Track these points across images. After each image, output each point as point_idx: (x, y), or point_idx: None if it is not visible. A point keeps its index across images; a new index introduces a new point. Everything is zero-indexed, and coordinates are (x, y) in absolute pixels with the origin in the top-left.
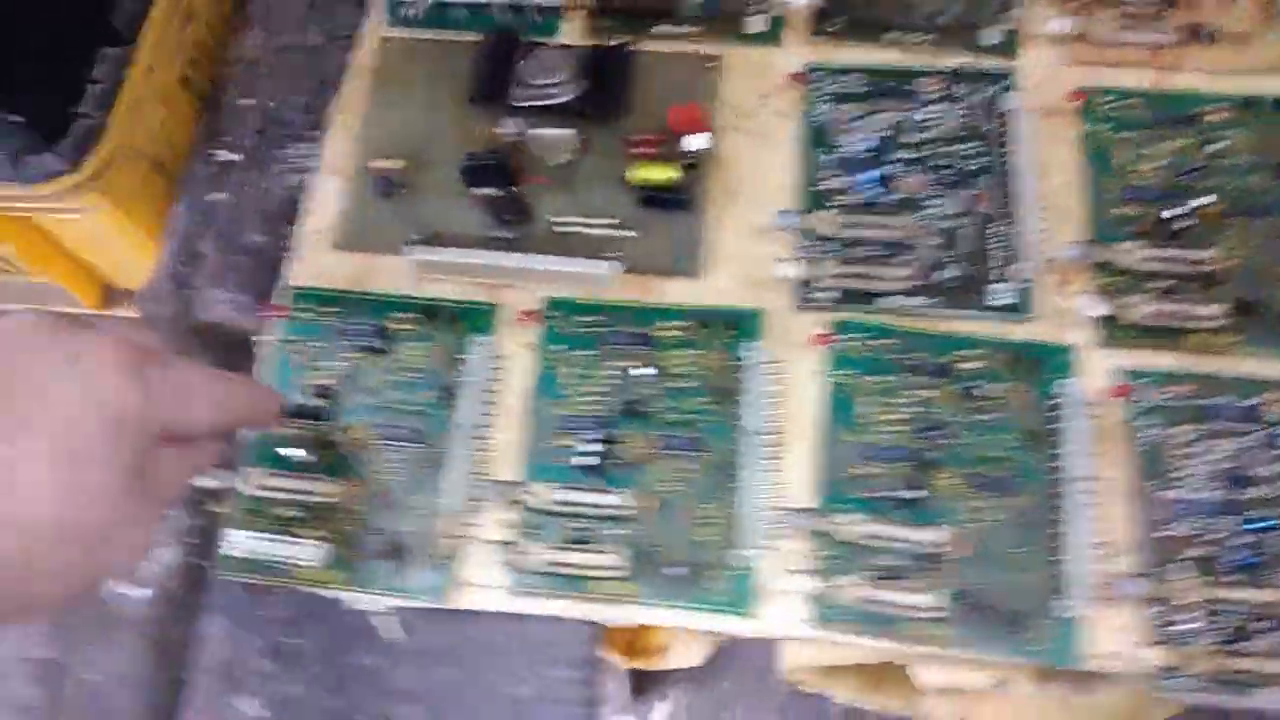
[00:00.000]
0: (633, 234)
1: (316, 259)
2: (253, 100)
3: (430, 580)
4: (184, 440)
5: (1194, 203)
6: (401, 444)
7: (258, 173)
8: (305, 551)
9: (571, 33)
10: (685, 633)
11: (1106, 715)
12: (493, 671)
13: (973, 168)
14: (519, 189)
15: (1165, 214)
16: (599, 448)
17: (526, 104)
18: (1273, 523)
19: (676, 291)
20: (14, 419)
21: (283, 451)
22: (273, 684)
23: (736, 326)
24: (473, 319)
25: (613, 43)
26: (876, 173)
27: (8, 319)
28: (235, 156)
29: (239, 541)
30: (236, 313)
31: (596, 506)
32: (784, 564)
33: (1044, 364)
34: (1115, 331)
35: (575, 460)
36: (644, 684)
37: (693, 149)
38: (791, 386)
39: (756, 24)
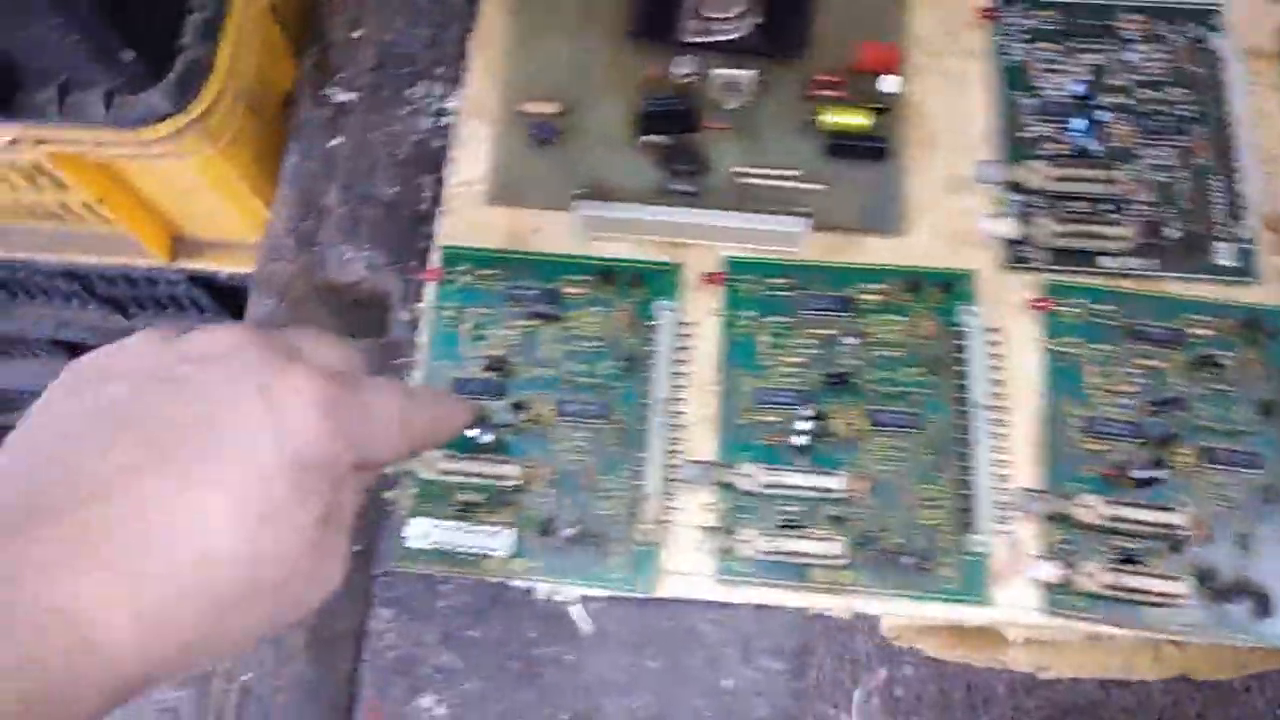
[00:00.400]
0: (822, 186)
1: (469, 215)
2: (363, 32)
3: (631, 568)
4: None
5: None
6: (585, 420)
7: (380, 116)
8: (494, 539)
9: None
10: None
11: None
12: (697, 662)
13: (1185, 115)
14: (695, 136)
15: None
16: (810, 425)
17: (697, 40)
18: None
19: (874, 250)
20: (202, 467)
21: (469, 430)
22: (454, 679)
23: (948, 289)
24: (655, 281)
25: None
26: (1084, 120)
27: (208, 335)
28: (351, 96)
29: (421, 530)
30: (370, 273)
31: (810, 490)
32: (1017, 547)
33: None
34: None
35: (792, 439)
36: None
37: (887, 91)
38: (1009, 355)
39: None
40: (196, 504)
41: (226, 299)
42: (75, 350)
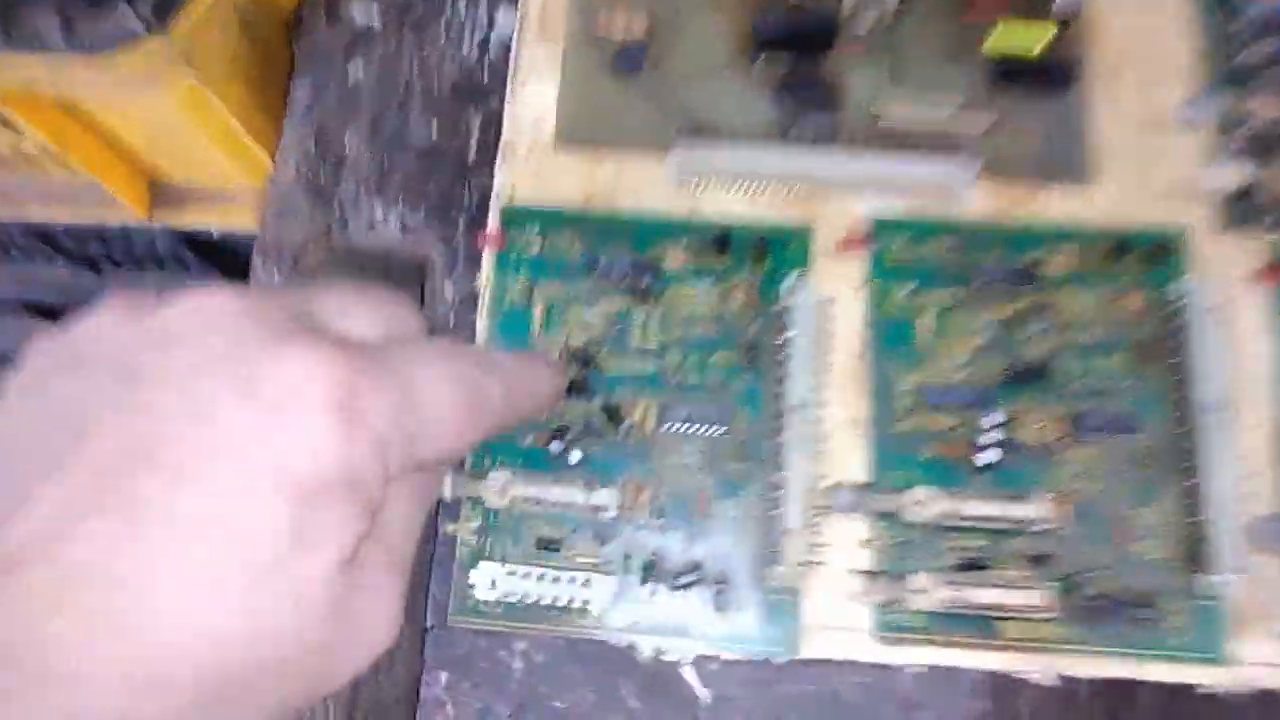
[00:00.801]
0: (987, 124)
1: (535, 164)
2: None
3: (764, 622)
4: (434, 465)
5: None
6: (698, 430)
7: (413, 39)
8: (585, 587)
9: None
10: None
11: None
12: None
13: None
14: (824, 61)
15: None
16: (998, 435)
17: None
18: None
19: (1056, 204)
20: (163, 512)
21: (551, 444)
22: None
23: (1155, 255)
24: (780, 248)
25: None
26: None
27: (184, 305)
28: (374, 21)
29: (487, 577)
30: (406, 236)
31: (1002, 520)
32: (1266, 589)
33: None
34: None
35: (976, 455)
36: None
37: (1064, 6)
38: (1234, 339)
39: None
40: (156, 569)
41: (219, 259)
42: (46, 315)
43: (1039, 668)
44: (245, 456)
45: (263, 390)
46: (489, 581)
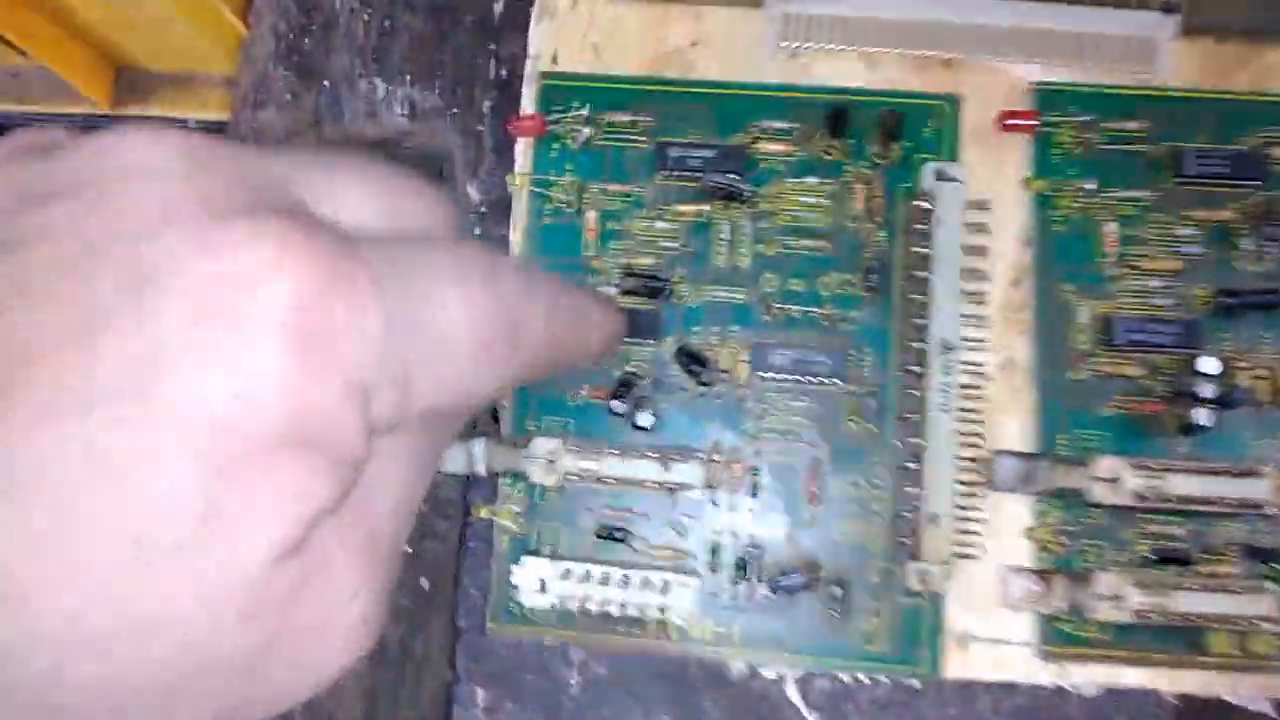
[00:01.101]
0: None
1: (584, 18)
2: None
3: (896, 634)
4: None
5: None
6: (805, 379)
7: None
8: (663, 591)
9: None
10: None
11: None
12: None
13: None
14: None
15: None
16: (1214, 387)
17: None
18: None
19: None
20: (23, 444)
21: (613, 403)
22: None
23: None
24: (915, 129)
25: None
26: None
27: (103, 145)
28: None
29: (534, 575)
30: (414, 121)
31: (1218, 502)
32: None
33: None
34: None
35: (1190, 411)
36: None
37: None
38: None
39: None
40: (48, 540)
41: None
42: None
43: (1255, 692)
44: (141, 390)
45: (184, 285)
46: (537, 583)
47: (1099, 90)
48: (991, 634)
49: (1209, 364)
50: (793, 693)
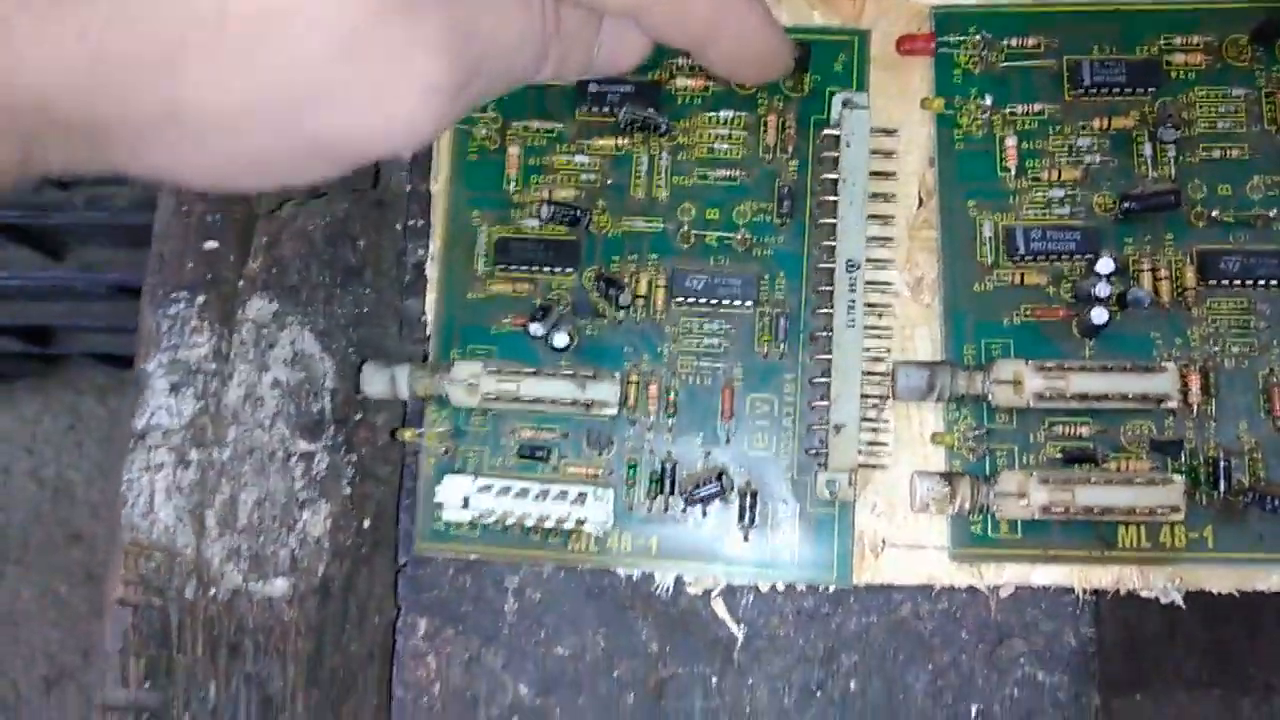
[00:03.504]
0: None
1: None
2: None
3: (810, 543)
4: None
5: None
6: (720, 303)
7: None
8: (580, 504)
9: None
10: None
11: None
12: (919, 682)
13: None
14: None
15: None
16: (1109, 286)
17: None
18: None
19: None
20: None
21: (531, 326)
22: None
23: None
24: (821, 59)
25: None
26: None
27: None
28: None
29: (457, 493)
30: None
31: (1119, 397)
32: None
33: None
34: None
35: (1090, 313)
36: None
37: None
38: None
39: None
40: None
41: None
42: None
43: (1166, 583)
44: None
45: None
46: (459, 499)
47: (995, 10)
48: (905, 540)
49: (1104, 264)
50: (719, 607)
